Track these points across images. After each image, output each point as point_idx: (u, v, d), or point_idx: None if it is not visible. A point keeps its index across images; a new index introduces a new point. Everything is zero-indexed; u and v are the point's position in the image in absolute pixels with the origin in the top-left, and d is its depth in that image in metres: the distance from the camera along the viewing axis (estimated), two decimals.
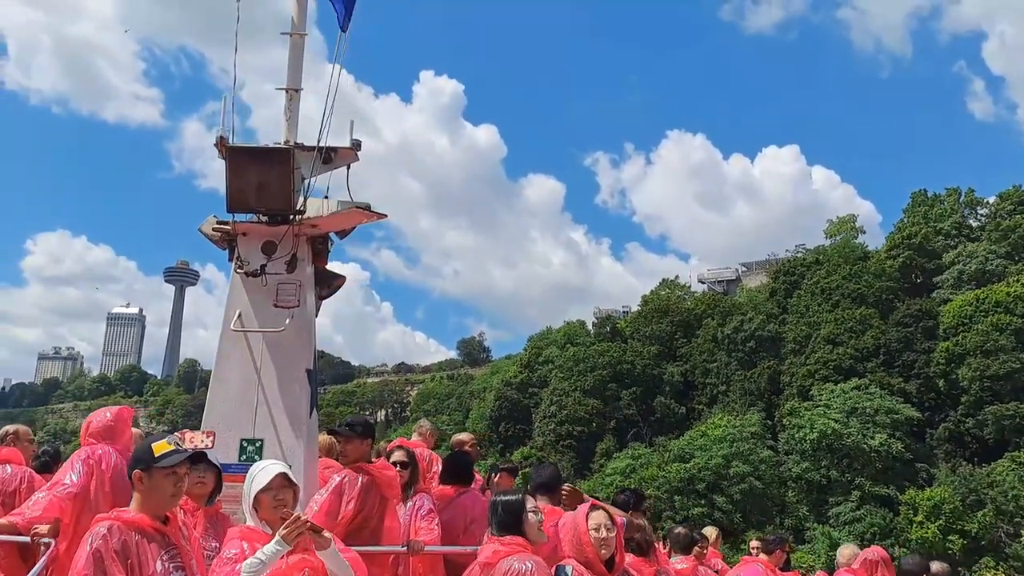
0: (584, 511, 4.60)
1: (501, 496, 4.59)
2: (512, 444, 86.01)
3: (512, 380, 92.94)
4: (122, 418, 5.91)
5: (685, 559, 7.51)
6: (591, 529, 4.49)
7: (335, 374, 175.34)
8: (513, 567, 4.09)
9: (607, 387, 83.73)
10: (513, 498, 4.52)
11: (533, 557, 4.20)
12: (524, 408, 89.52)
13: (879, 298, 77.31)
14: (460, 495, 6.99)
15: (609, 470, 71.55)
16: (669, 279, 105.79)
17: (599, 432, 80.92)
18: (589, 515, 4.56)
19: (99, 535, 3.69)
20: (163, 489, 3.87)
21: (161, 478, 3.87)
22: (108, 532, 3.71)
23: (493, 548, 4.27)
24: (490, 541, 4.37)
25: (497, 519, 4.43)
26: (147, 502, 3.87)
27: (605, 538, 4.48)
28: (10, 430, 6.79)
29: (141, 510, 3.86)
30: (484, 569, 4.22)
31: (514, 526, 4.37)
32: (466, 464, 7.42)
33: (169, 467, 3.87)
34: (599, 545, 4.45)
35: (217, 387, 6.62)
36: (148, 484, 3.86)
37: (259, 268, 6.73)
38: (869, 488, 62.14)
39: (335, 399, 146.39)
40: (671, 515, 63.00)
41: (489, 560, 4.21)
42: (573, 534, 4.50)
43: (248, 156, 6.62)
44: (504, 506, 4.46)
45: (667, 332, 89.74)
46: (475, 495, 7.10)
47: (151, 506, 3.87)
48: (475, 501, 6.94)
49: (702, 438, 69.17)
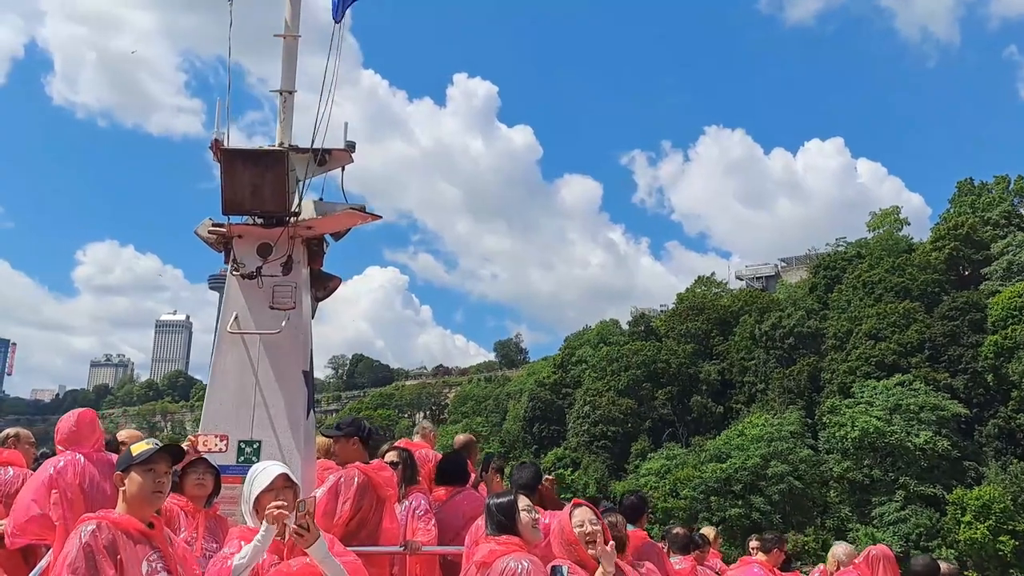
0: (567, 510, 4.65)
1: (494, 498, 4.65)
2: (546, 445, 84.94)
3: (545, 381, 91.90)
4: (84, 421, 5.87)
5: (684, 559, 7.53)
6: (575, 526, 4.52)
7: (375, 377, 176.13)
8: (509, 566, 4.14)
9: (642, 387, 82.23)
10: (505, 499, 4.56)
11: (529, 556, 4.25)
12: (558, 409, 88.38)
13: (924, 291, 74.83)
14: (455, 495, 6.99)
15: (643, 471, 70.21)
16: (705, 276, 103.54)
17: (634, 432, 79.46)
18: (572, 513, 4.61)
19: (88, 531, 3.71)
20: (142, 486, 3.89)
21: (139, 475, 3.91)
22: (97, 529, 3.73)
23: (489, 547, 4.33)
24: (486, 541, 4.43)
25: (492, 520, 4.49)
26: (131, 503, 3.90)
27: (590, 532, 4.48)
28: (11, 433, 6.93)
29: (127, 512, 3.89)
30: (480, 569, 4.27)
31: (509, 526, 4.42)
32: (460, 464, 7.39)
33: (145, 464, 3.92)
34: (584, 540, 4.46)
35: (214, 389, 6.67)
36: (129, 484, 3.91)
37: (255, 270, 6.76)
38: (914, 488, 60.24)
39: (374, 402, 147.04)
40: (707, 516, 61.60)
41: (485, 559, 4.27)
42: (560, 535, 4.55)
43: (243, 158, 6.68)
44: (498, 508, 4.51)
45: (703, 330, 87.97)
46: (470, 494, 7.07)
47: (135, 507, 3.90)
48: (470, 501, 6.88)
49: (739, 437, 67.59)
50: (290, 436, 6.46)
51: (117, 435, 7.41)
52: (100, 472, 5.57)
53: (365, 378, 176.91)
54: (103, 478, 5.52)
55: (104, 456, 5.77)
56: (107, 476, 5.48)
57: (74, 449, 5.70)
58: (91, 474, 5.51)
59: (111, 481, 5.22)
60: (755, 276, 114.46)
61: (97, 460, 5.68)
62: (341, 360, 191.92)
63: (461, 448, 8.50)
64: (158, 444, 4.06)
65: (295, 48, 7.26)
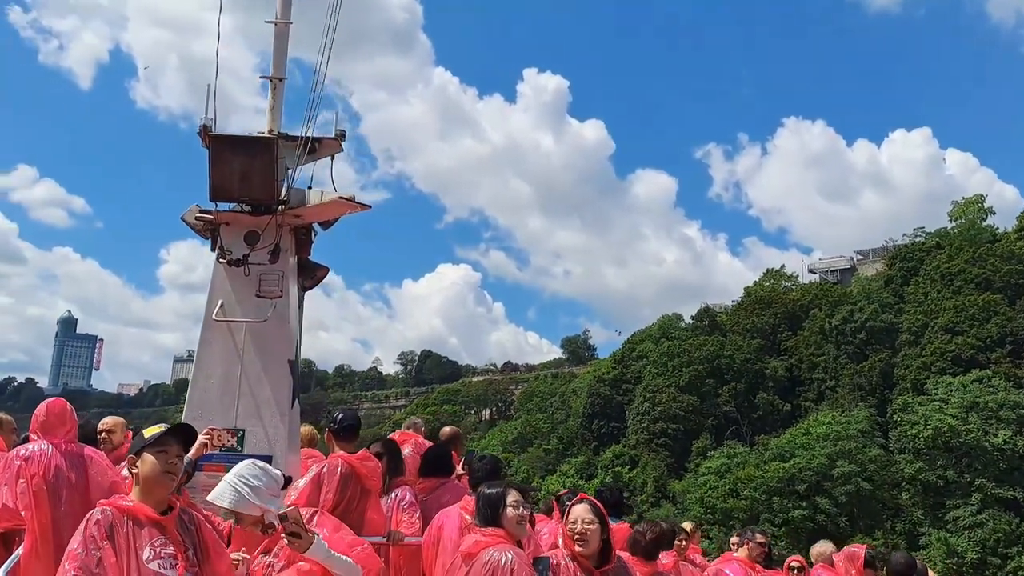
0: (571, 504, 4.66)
1: (484, 489, 4.65)
2: (605, 442, 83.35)
3: (605, 376, 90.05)
4: (54, 411, 5.80)
5: (665, 554, 7.30)
6: (569, 523, 4.54)
7: (443, 373, 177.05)
8: (493, 558, 4.16)
9: (704, 383, 79.93)
10: (494, 491, 4.56)
11: (513, 548, 4.26)
12: (617, 405, 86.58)
13: (1007, 283, 70.72)
14: (438, 487, 6.95)
15: (703, 469, 67.91)
16: (774, 269, 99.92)
17: (695, 430, 77.23)
18: (572, 508, 4.61)
19: (93, 519, 3.80)
20: (154, 467, 3.92)
21: (150, 456, 3.95)
22: (101, 516, 3.81)
23: (475, 539, 4.34)
24: (471, 532, 4.47)
25: (478, 511, 4.53)
26: (144, 486, 3.94)
27: (582, 531, 4.47)
28: None
29: (140, 498, 3.93)
30: (465, 559, 4.27)
31: (493, 518, 4.43)
32: (444, 456, 7.35)
33: (156, 445, 3.97)
34: (574, 537, 4.46)
35: (199, 377, 6.67)
36: (141, 466, 3.94)
37: (242, 258, 6.73)
38: (992, 490, 56.76)
39: (440, 398, 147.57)
40: (769, 517, 59.23)
41: (470, 550, 4.27)
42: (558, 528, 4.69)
43: (231, 145, 6.66)
44: (486, 499, 4.52)
45: (770, 324, 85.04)
46: (452, 486, 7.03)
47: (147, 490, 3.93)
48: (451, 493, 6.84)
49: (804, 436, 64.81)
50: (275, 425, 6.47)
51: (101, 423, 7.23)
52: (68, 463, 5.57)
53: (433, 374, 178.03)
54: (70, 469, 5.53)
55: (74, 447, 5.74)
56: (75, 467, 5.56)
57: (46, 438, 5.69)
58: (57, 464, 5.51)
59: (78, 472, 5.51)
60: (829, 269, 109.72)
61: (66, 451, 5.65)
62: (410, 356, 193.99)
63: (447, 440, 8.44)
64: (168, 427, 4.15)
65: (286, 35, 7.19)
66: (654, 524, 6.56)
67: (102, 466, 5.79)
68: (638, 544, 6.18)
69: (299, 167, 6.89)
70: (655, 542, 6.25)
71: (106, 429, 7.08)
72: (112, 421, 7.34)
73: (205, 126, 6.65)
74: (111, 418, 7.46)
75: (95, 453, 5.89)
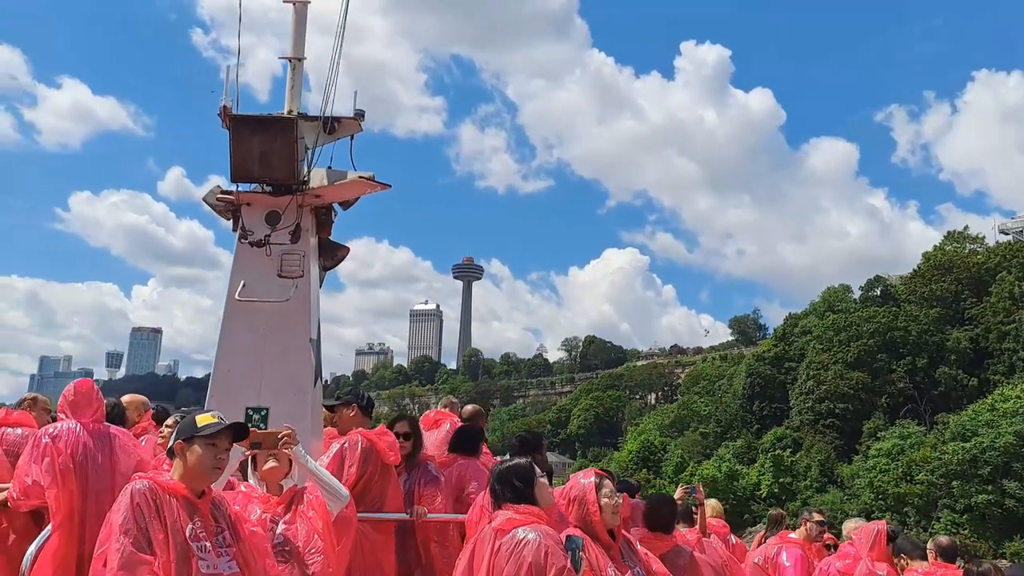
0: (591, 477, 4.66)
1: (510, 464, 4.61)
2: (767, 424, 78.85)
3: (765, 355, 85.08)
4: (81, 391, 5.95)
5: (690, 530, 7.27)
6: (604, 496, 4.55)
7: (607, 359, 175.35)
8: (518, 537, 4.12)
9: (876, 358, 73.80)
10: (523, 463, 4.57)
11: (542, 527, 4.22)
12: (780, 385, 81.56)
13: None
14: (455, 462, 7.03)
15: (873, 452, 62.53)
16: (956, 231, 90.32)
17: (866, 410, 71.46)
18: (602, 483, 4.62)
19: (139, 491, 3.85)
20: (203, 460, 4.02)
21: (201, 448, 4.04)
22: (148, 489, 3.85)
23: (508, 516, 4.30)
24: (505, 508, 4.37)
25: (511, 487, 4.42)
26: (187, 472, 4.01)
27: (616, 504, 4.57)
28: (28, 397, 7.15)
29: (180, 479, 4.00)
30: (498, 535, 4.22)
31: (527, 493, 4.39)
32: (475, 435, 7.44)
33: (209, 438, 4.05)
34: (611, 511, 4.53)
35: (222, 356, 6.75)
36: (189, 455, 4.02)
37: (263, 238, 6.80)
38: None
39: (604, 383, 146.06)
40: (948, 503, 53.76)
41: (503, 527, 4.24)
42: (581, 500, 4.55)
43: (251, 125, 6.72)
44: (516, 472, 4.49)
45: (951, 292, 77.11)
46: (470, 464, 7.06)
47: (190, 476, 4.00)
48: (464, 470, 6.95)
49: (989, 412, 58.15)
50: (297, 404, 6.52)
51: (121, 399, 7.40)
52: (95, 443, 5.68)
53: (598, 360, 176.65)
54: (98, 449, 5.65)
55: (101, 427, 5.85)
56: (102, 447, 5.68)
57: (74, 418, 5.80)
58: (85, 443, 5.62)
59: (105, 450, 5.63)
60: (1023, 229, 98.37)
61: (94, 431, 5.76)
62: (574, 342, 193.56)
63: (471, 418, 8.49)
64: (223, 420, 4.21)
65: (304, 14, 7.27)
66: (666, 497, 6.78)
67: (128, 446, 5.92)
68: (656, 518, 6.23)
69: (318, 147, 6.98)
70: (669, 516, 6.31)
71: (124, 405, 7.22)
72: (128, 399, 7.66)
73: (225, 106, 6.70)
74: (129, 396, 7.81)
75: (121, 432, 6.04)
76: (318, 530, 4.67)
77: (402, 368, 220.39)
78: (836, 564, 7.29)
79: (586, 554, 4.33)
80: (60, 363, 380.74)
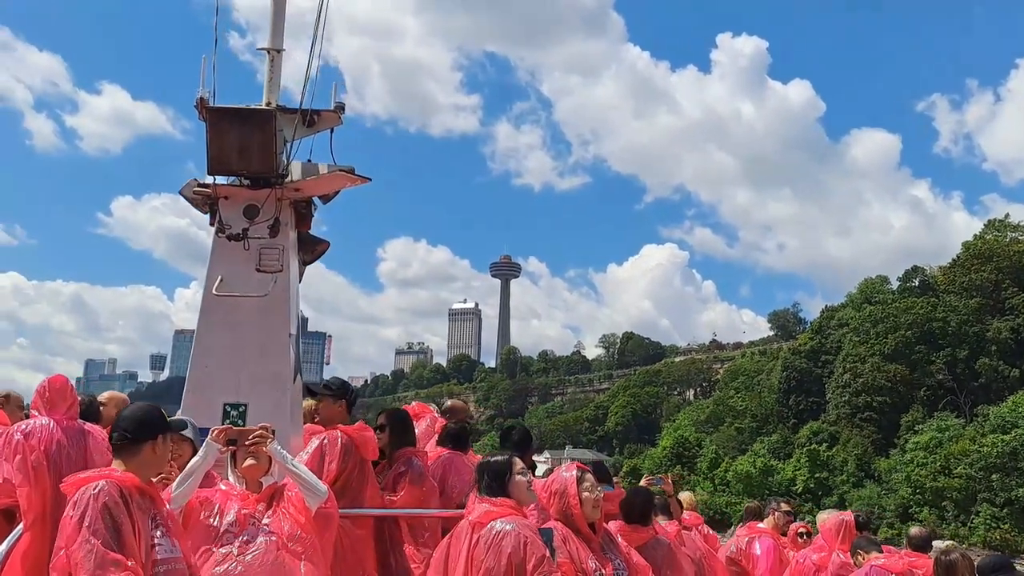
0: (573, 471, 4.75)
1: (488, 458, 4.70)
2: (804, 418, 78.02)
3: (800, 348, 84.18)
4: (55, 387, 5.86)
5: (668, 523, 7.29)
6: (585, 490, 4.65)
7: (645, 355, 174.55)
8: (496, 528, 4.21)
9: (914, 349, 72.65)
10: (500, 459, 4.62)
11: (519, 519, 4.31)
12: (816, 378, 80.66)
13: None
14: (440, 457, 7.05)
15: (910, 445, 61.63)
16: (997, 219, 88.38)
17: (904, 403, 70.38)
18: (583, 476, 4.71)
19: (104, 490, 3.72)
20: (163, 455, 4.11)
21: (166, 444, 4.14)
22: (111, 488, 3.74)
23: (485, 508, 4.36)
24: (481, 501, 4.44)
25: (484, 481, 4.52)
26: (140, 466, 3.94)
27: (597, 497, 4.66)
28: (1, 393, 7.04)
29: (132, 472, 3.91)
30: (476, 528, 4.30)
31: (500, 488, 4.47)
32: (464, 432, 7.51)
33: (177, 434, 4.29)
34: (591, 505, 4.64)
35: (200, 351, 6.71)
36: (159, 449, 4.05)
37: (241, 232, 6.72)
38: None
39: (641, 379, 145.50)
40: (987, 497, 52.82)
41: (480, 520, 4.31)
42: (562, 493, 4.65)
43: (229, 117, 6.64)
44: (489, 469, 4.58)
45: (991, 281, 75.59)
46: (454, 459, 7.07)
47: (141, 469, 3.94)
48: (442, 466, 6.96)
49: None
50: (276, 399, 6.48)
51: (98, 397, 7.34)
52: (69, 440, 5.60)
53: (635, 356, 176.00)
54: (71, 446, 5.56)
55: (75, 424, 5.76)
56: (76, 444, 5.58)
57: (47, 414, 5.71)
58: (59, 440, 5.52)
59: (78, 447, 5.53)
60: None
61: (67, 428, 5.67)
62: (612, 339, 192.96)
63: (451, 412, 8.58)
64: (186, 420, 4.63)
65: (283, 5, 7.22)
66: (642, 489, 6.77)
67: (103, 443, 5.71)
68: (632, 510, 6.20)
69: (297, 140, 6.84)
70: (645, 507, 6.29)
71: (101, 403, 7.12)
72: (107, 395, 7.52)
73: (202, 98, 6.57)
74: (109, 393, 7.69)
75: (95, 429, 5.91)
76: (301, 524, 4.66)
77: (440, 367, 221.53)
78: (812, 556, 7.46)
79: (567, 547, 4.47)
80: (105, 366, 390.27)
